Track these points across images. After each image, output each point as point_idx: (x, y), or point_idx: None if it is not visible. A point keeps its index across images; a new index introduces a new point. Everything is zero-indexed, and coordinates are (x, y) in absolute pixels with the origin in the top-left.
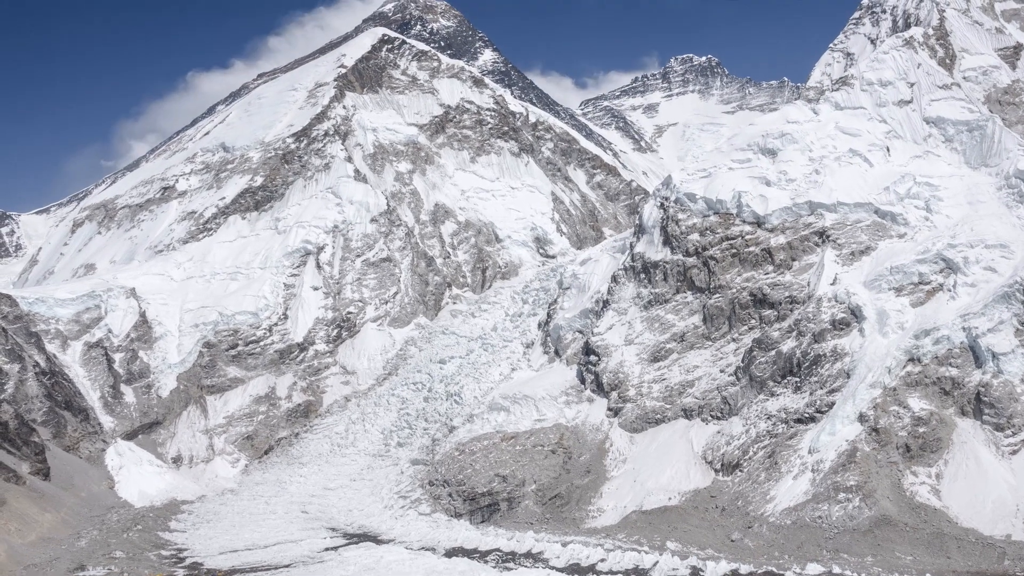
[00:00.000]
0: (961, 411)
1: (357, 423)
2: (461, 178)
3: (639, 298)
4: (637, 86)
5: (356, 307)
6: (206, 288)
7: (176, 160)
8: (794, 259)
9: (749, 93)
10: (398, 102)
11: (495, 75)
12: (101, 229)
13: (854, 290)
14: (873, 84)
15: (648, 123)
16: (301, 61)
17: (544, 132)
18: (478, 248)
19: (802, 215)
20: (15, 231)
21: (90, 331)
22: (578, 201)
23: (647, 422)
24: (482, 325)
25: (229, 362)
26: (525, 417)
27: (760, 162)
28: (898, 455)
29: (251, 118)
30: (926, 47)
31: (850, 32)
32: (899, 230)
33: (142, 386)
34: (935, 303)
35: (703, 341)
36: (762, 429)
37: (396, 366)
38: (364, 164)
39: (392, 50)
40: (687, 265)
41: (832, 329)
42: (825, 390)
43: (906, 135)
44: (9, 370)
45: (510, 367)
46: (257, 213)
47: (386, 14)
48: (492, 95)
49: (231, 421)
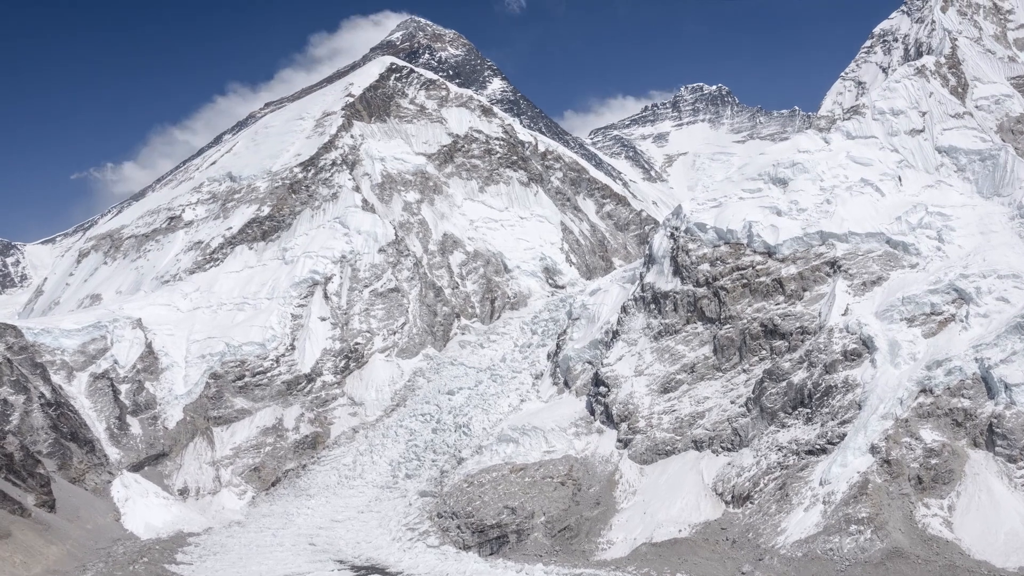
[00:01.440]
0: (973, 442)
1: (365, 455)
2: (470, 208)
3: (649, 329)
4: (647, 115)
5: (364, 338)
6: (213, 319)
7: (183, 190)
8: (805, 289)
9: (760, 122)
10: (406, 131)
11: (504, 104)
12: (107, 259)
13: (866, 321)
14: (885, 113)
15: (658, 152)
16: (308, 90)
17: (553, 161)
18: (487, 278)
19: (813, 245)
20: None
21: (96, 362)
22: (587, 231)
23: (657, 453)
24: (491, 356)
25: (236, 393)
26: (534, 449)
27: (771, 192)
28: (910, 487)
29: (258, 147)
30: (938, 76)
31: (862, 61)
32: (911, 260)
33: (148, 417)
34: (947, 334)
35: (713, 372)
36: (773, 461)
37: (404, 397)
38: (372, 194)
39: (400, 79)
40: (697, 295)
41: (843, 360)
42: (836, 421)
43: (918, 164)
44: (14, 401)
45: (519, 398)
46: (264, 243)
47: (394, 43)
48: (501, 124)
49: (238, 453)
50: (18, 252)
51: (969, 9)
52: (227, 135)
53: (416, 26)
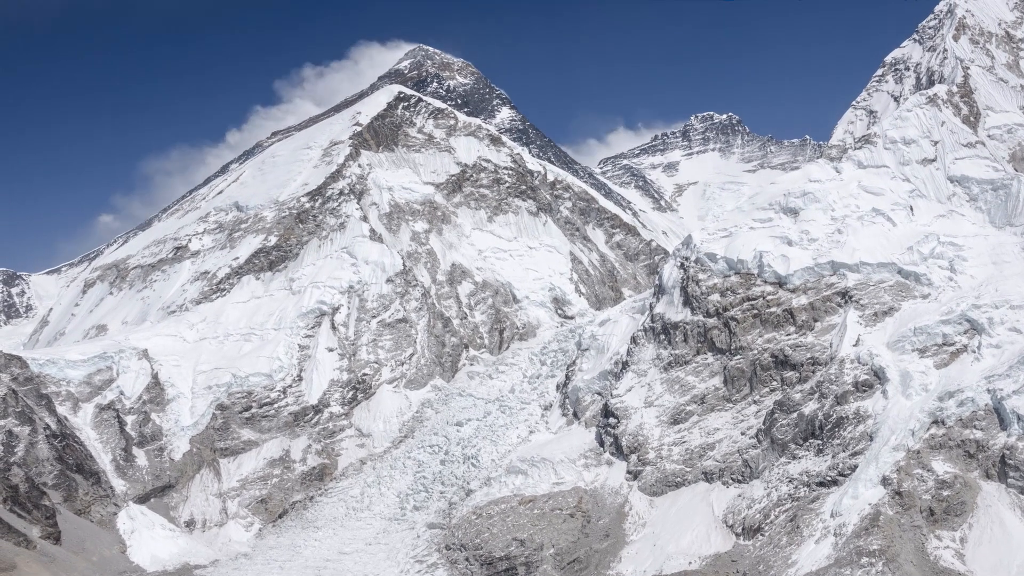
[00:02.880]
0: (986, 474)
1: (373, 486)
2: (478, 238)
3: (659, 359)
4: (657, 144)
5: (371, 369)
6: (219, 349)
7: (189, 219)
8: (816, 320)
9: (770, 151)
10: (414, 160)
11: (513, 133)
12: (113, 289)
13: (877, 351)
14: (896, 142)
15: (668, 182)
16: (316, 119)
17: (562, 191)
18: (495, 309)
19: (824, 275)
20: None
21: (102, 393)
22: (597, 261)
23: (667, 485)
24: (499, 387)
25: (243, 424)
26: (543, 480)
27: (782, 221)
28: (922, 519)
29: (265, 177)
30: (950, 105)
31: (873, 89)
32: (923, 290)
33: (154, 449)
34: (959, 364)
35: (724, 403)
36: (784, 492)
37: (412, 428)
38: (380, 223)
39: (408, 108)
40: (707, 326)
41: (855, 391)
42: (848, 453)
43: (930, 194)
44: (19, 433)
45: (528, 429)
46: (271, 273)
47: (402, 71)
48: (510, 153)
49: (245, 484)
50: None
51: (981, 38)
52: (234, 164)
53: (424, 54)
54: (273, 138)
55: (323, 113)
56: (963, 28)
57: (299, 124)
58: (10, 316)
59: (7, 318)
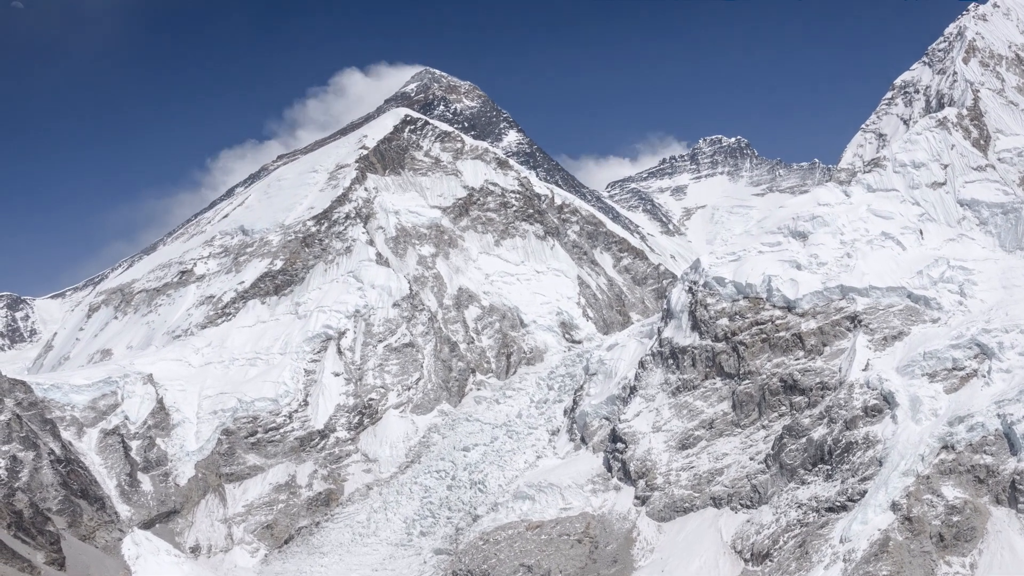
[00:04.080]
0: (996, 500)
1: (379, 512)
2: (485, 262)
3: (667, 384)
4: (665, 167)
5: (378, 393)
6: (225, 374)
7: (194, 243)
8: (825, 344)
9: (779, 175)
10: (421, 184)
11: (520, 156)
12: (118, 314)
13: (886, 376)
14: (906, 166)
15: (676, 205)
16: (322, 142)
17: (570, 215)
18: (502, 333)
19: (833, 299)
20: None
21: (106, 418)
22: (605, 285)
23: (675, 511)
24: (507, 412)
25: (248, 450)
26: (551, 506)
27: (791, 245)
28: (932, 544)
29: (271, 200)
30: (960, 128)
31: (882, 113)
32: (932, 315)
33: (159, 474)
34: (969, 389)
35: (732, 428)
36: (792, 518)
37: (419, 454)
38: (386, 247)
39: (415, 131)
40: (716, 350)
41: (864, 416)
42: (857, 478)
43: (939, 218)
44: (24, 458)
45: (535, 455)
46: (277, 297)
47: (408, 94)
48: (517, 177)
49: (250, 510)
50: (27, 306)
51: (991, 60)
52: (239, 188)
53: (431, 77)
54: (279, 161)
55: (329, 136)
56: (973, 51)
57: (305, 147)
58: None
59: (11, 342)
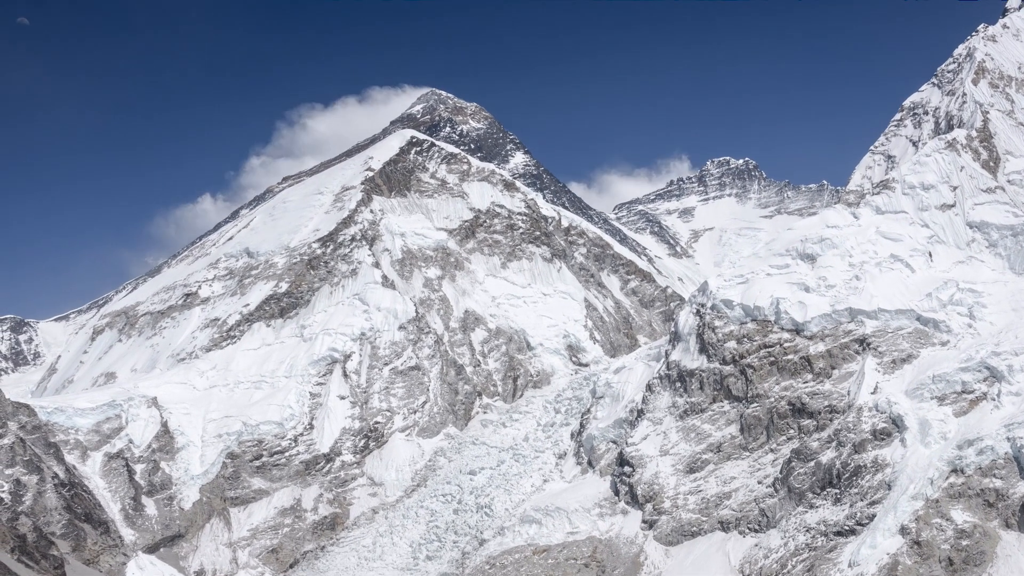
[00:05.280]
0: (1005, 523)
1: (385, 536)
2: (492, 284)
3: (675, 407)
4: (672, 189)
5: (384, 417)
6: (230, 397)
7: (199, 266)
8: (834, 367)
9: (788, 196)
10: (427, 206)
11: (526, 178)
12: (122, 336)
13: (895, 399)
14: (915, 187)
15: (684, 228)
16: (327, 164)
17: (577, 237)
18: (509, 356)
19: (842, 322)
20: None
21: (110, 441)
22: (612, 308)
23: (683, 535)
24: (513, 435)
25: (253, 473)
26: (557, 530)
27: (799, 268)
28: (941, 569)
29: (276, 222)
30: (969, 149)
31: (891, 134)
32: (942, 337)
33: (164, 498)
34: (979, 412)
35: (740, 451)
36: (801, 542)
37: (425, 477)
38: (392, 270)
39: (421, 152)
40: (724, 373)
41: (873, 439)
42: (866, 502)
43: (949, 240)
44: (27, 482)
45: (542, 478)
46: (282, 320)
47: (415, 115)
48: (523, 199)
49: (255, 534)
50: (31, 329)
51: (1001, 82)
52: (244, 210)
53: (437, 99)
54: (284, 183)
55: (335, 158)
56: (982, 72)
57: (310, 169)
58: (18, 363)
59: (15, 365)
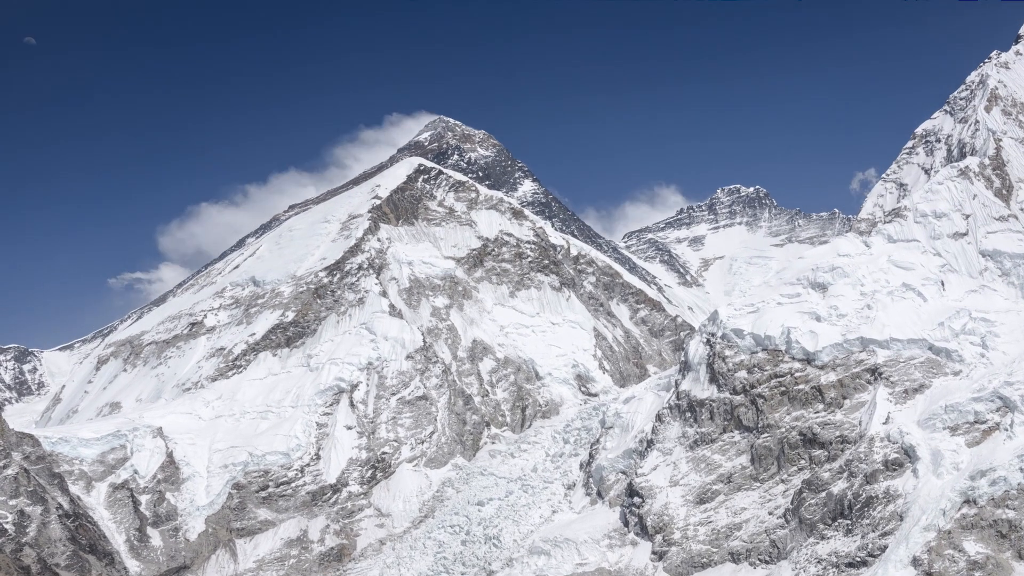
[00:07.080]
0: (1018, 554)
1: (392, 568)
2: (500, 313)
3: (685, 437)
4: (682, 218)
5: (391, 447)
6: (235, 427)
7: (204, 295)
8: (845, 397)
9: (798, 225)
10: (435, 234)
11: (535, 206)
12: (127, 366)
13: (907, 429)
14: (927, 216)
15: (694, 256)
16: (334, 192)
17: (586, 266)
18: (517, 386)
19: (853, 352)
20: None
21: (115, 472)
22: (621, 337)
23: (693, 566)
24: (522, 466)
25: (259, 504)
26: (567, 561)
27: (810, 297)
28: None
29: (282, 251)
30: (982, 177)
31: (903, 162)
32: (954, 367)
33: (169, 529)
34: (991, 443)
35: (751, 482)
36: (812, 574)
37: (432, 508)
38: (399, 299)
39: (428, 180)
40: (734, 403)
41: (885, 470)
42: (877, 533)
43: (961, 269)
44: (31, 512)
45: (551, 509)
46: (288, 350)
47: (422, 143)
48: (532, 227)
49: (261, 565)
50: (35, 359)
51: (1014, 109)
52: (250, 238)
53: (445, 126)
54: (290, 211)
55: (341, 186)
56: (995, 99)
57: (317, 197)
58: (22, 393)
59: (19, 395)
